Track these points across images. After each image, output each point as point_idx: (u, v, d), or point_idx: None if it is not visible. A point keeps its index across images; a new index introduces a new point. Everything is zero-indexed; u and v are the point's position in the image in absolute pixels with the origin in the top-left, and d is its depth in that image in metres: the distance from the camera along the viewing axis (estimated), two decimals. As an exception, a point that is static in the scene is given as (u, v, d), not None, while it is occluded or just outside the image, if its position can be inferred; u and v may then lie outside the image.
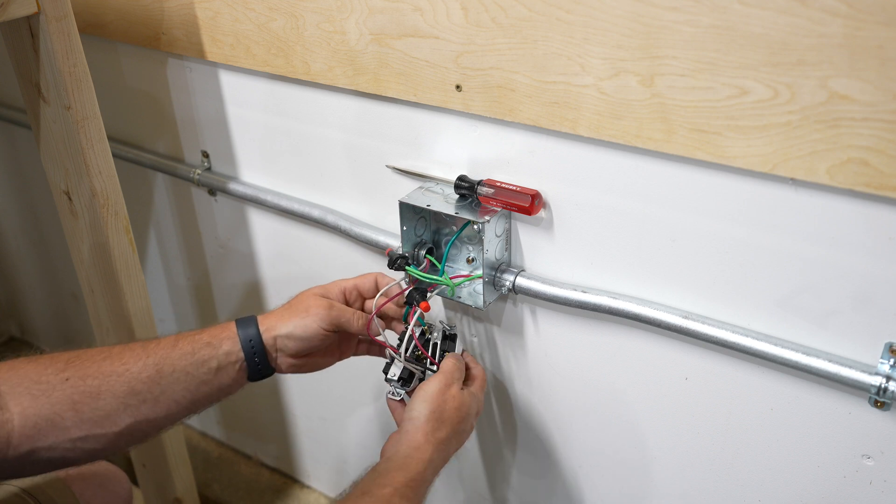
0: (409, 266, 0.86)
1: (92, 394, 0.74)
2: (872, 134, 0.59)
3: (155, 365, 0.77)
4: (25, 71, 0.91)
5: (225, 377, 0.80)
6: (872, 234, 0.64)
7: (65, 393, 0.73)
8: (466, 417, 0.80)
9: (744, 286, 0.73)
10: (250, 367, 0.81)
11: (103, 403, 0.74)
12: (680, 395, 0.83)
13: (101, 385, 0.74)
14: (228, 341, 0.80)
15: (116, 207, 0.99)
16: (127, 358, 0.77)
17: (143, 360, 0.77)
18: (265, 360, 0.82)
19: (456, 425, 0.78)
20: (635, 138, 0.71)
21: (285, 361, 0.83)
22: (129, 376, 0.75)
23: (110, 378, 0.75)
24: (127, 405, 0.75)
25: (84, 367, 0.75)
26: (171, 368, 0.77)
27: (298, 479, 1.44)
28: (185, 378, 0.78)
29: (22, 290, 1.78)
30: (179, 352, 0.78)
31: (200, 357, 0.79)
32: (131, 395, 0.75)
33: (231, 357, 0.80)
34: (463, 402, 0.79)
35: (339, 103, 0.94)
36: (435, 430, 0.76)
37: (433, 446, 0.75)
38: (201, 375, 0.78)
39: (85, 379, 0.74)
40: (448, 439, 0.77)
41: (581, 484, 0.98)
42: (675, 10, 0.63)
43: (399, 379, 0.84)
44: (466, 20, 0.76)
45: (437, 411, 0.77)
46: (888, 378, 0.67)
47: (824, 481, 0.77)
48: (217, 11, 0.97)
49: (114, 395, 0.74)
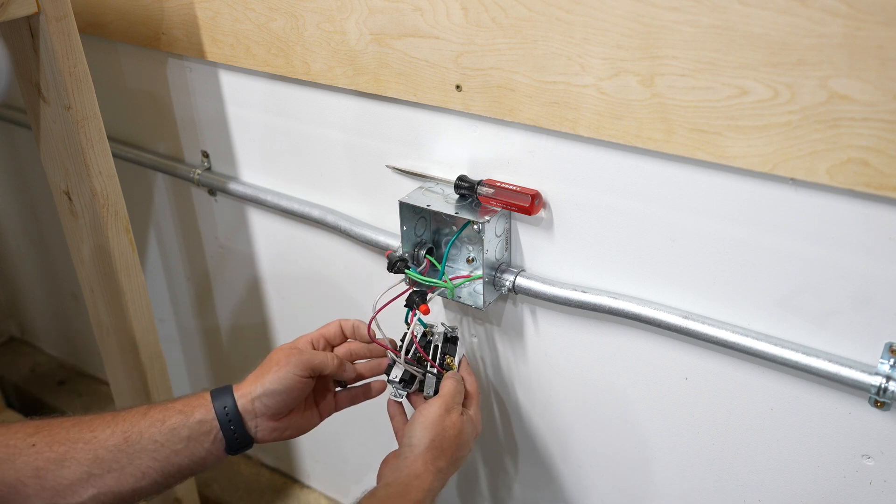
0: (409, 269, 0.86)
1: (56, 461, 0.71)
2: (872, 134, 0.59)
3: (123, 432, 0.74)
4: (25, 71, 0.91)
5: (198, 448, 0.76)
6: (872, 234, 0.64)
7: (29, 459, 0.71)
8: (465, 444, 0.80)
9: (744, 286, 0.73)
10: (227, 437, 0.77)
11: (67, 472, 0.72)
12: (680, 395, 0.83)
13: (66, 452, 0.72)
14: (201, 409, 0.77)
15: (116, 207, 0.99)
16: (96, 425, 0.74)
17: (111, 427, 0.74)
18: (242, 429, 0.78)
19: (455, 452, 0.78)
20: (635, 138, 0.71)
21: (265, 426, 0.80)
22: (95, 444, 0.73)
23: (77, 445, 0.73)
24: (91, 475, 0.72)
25: (53, 433, 0.73)
26: (138, 436, 0.74)
27: (298, 479, 1.44)
28: (153, 447, 0.74)
29: (22, 290, 1.78)
30: (149, 420, 0.75)
31: (170, 425, 0.76)
32: (96, 464, 0.72)
33: (204, 426, 0.77)
34: (462, 430, 0.79)
35: (339, 103, 0.94)
36: (435, 458, 0.76)
37: (433, 475, 0.75)
38: (172, 445, 0.75)
39: (52, 445, 0.72)
40: (447, 467, 0.77)
41: (581, 484, 0.98)
42: (675, 10, 0.63)
43: (401, 381, 0.85)
44: (466, 20, 0.76)
45: (436, 440, 0.77)
46: (888, 378, 0.67)
47: (824, 481, 0.77)
48: (217, 11, 0.97)
49: (78, 462, 0.72)
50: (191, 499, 1.27)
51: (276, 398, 0.79)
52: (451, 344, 0.87)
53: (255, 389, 0.79)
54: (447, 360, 0.86)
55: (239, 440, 0.78)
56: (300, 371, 0.79)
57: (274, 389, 0.79)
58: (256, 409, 0.79)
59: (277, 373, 0.79)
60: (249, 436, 0.79)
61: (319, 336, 0.85)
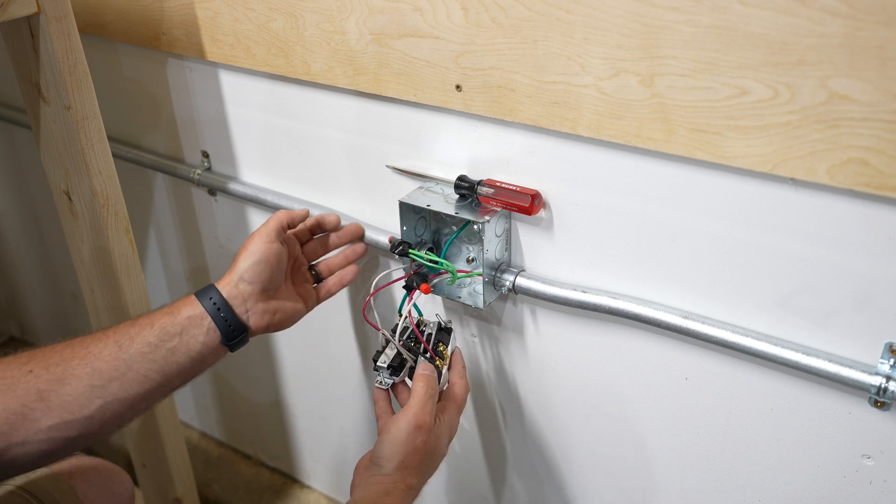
0: (413, 250, 0.86)
1: (56, 380, 0.73)
2: (872, 134, 0.59)
3: (115, 343, 0.76)
4: (25, 71, 0.91)
5: (193, 342, 0.78)
6: (872, 234, 0.64)
7: (29, 384, 0.72)
8: (438, 455, 0.80)
9: (744, 286, 0.73)
10: (220, 326, 0.79)
11: (69, 388, 0.73)
12: (680, 395, 0.83)
13: (64, 370, 0.73)
14: (188, 306, 0.79)
15: (116, 207, 0.99)
16: (88, 342, 0.76)
17: (103, 341, 0.76)
18: (233, 315, 0.80)
19: (426, 466, 0.78)
20: (635, 138, 0.71)
21: (255, 308, 0.82)
22: (90, 358, 0.74)
23: (72, 362, 0.74)
24: (93, 386, 0.74)
25: (46, 357, 0.74)
26: (129, 343, 0.76)
27: (298, 479, 1.44)
28: (149, 350, 0.76)
29: (22, 290, 1.78)
30: (138, 326, 0.77)
31: (160, 325, 0.77)
32: (95, 376, 0.74)
33: (194, 320, 0.78)
34: (435, 445, 0.79)
35: (339, 103, 0.94)
36: (405, 477, 0.76)
37: (403, 492, 0.75)
38: (165, 343, 0.77)
39: (48, 368, 0.73)
40: (419, 482, 0.78)
41: (581, 484, 0.98)
42: (675, 10, 0.63)
43: (389, 367, 0.84)
44: (466, 20, 0.76)
45: (406, 459, 0.77)
46: (888, 378, 0.67)
47: (824, 481, 0.77)
48: (217, 11, 0.97)
49: (78, 378, 0.73)
50: (191, 499, 1.27)
51: (254, 270, 0.82)
52: (445, 333, 0.87)
53: (233, 276, 0.82)
54: (440, 348, 0.86)
55: (233, 328, 0.80)
56: (265, 238, 0.83)
57: (249, 263, 0.82)
58: (242, 291, 0.81)
59: (245, 251, 0.83)
60: (242, 323, 0.81)
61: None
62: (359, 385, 1.20)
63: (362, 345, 1.14)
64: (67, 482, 0.92)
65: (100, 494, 0.95)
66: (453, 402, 0.84)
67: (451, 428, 0.82)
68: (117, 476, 0.99)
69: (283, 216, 0.87)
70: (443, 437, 0.80)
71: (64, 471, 0.92)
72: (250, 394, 1.40)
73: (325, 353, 1.20)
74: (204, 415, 1.53)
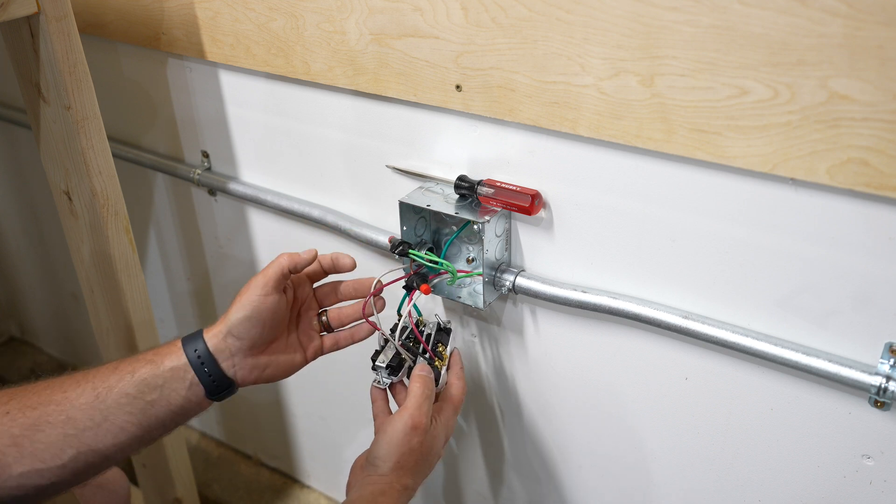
0: (412, 250, 0.86)
1: (31, 426, 0.71)
2: (872, 134, 0.59)
3: (93, 390, 0.73)
4: (25, 71, 0.91)
5: (174, 396, 0.75)
6: (872, 234, 0.64)
7: (4, 427, 0.70)
8: (434, 455, 0.79)
9: (744, 286, 0.73)
10: (203, 381, 0.75)
11: (43, 436, 0.71)
12: (680, 395, 0.83)
13: (40, 416, 0.71)
14: (171, 356, 0.75)
15: (116, 207, 0.99)
16: (67, 386, 0.73)
17: (81, 386, 0.73)
18: (218, 371, 0.76)
19: (422, 467, 0.78)
20: (635, 138, 0.71)
21: (243, 364, 0.78)
22: (66, 405, 0.72)
23: (49, 407, 0.72)
24: (66, 435, 0.71)
25: (25, 399, 0.72)
26: (107, 392, 0.73)
27: (298, 479, 1.44)
28: (125, 401, 0.73)
29: (22, 290, 1.78)
30: (118, 374, 0.74)
31: (140, 376, 0.74)
32: (70, 424, 0.71)
33: (177, 373, 0.75)
34: (431, 445, 0.79)
35: (339, 103, 0.94)
36: (400, 477, 0.76)
37: (398, 493, 0.75)
38: (144, 396, 0.73)
39: (24, 411, 0.71)
40: (414, 483, 0.77)
41: (581, 484, 0.98)
42: (675, 10, 0.63)
43: (387, 367, 0.84)
44: (466, 20, 0.76)
45: (402, 460, 0.76)
46: (888, 378, 0.67)
47: (824, 481, 0.77)
48: (217, 11, 0.97)
49: (52, 425, 0.71)
50: (191, 499, 1.27)
51: (243, 326, 0.76)
52: (444, 334, 0.87)
53: (223, 327, 0.76)
54: (439, 349, 0.86)
55: (217, 383, 0.76)
56: (261, 290, 0.77)
57: (239, 318, 0.76)
58: (230, 345, 0.76)
59: (240, 300, 0.77)
60: (227, 378, 0.77)
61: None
62: (359, 385, 1.20)
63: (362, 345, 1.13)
64: None
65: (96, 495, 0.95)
66: (450, 403, 0.84)
67: (447, 429, 0.82)
68: (114, 476, 0.99)
69: (286, 262, 0.79)
70: (439, 437, 0.80)
71: None
72: (250, 394, 1.40)
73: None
74: (204, 415, 1.52)
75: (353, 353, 1.15)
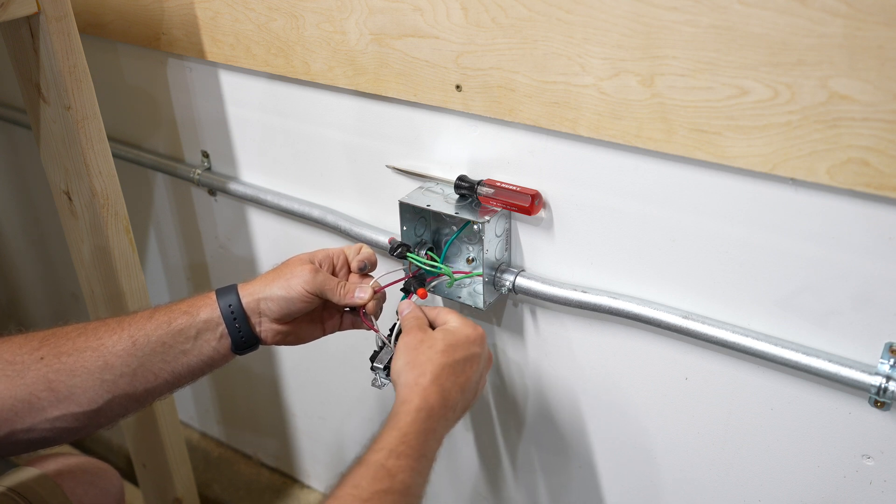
0: (410, 253, 0.86)
1: (67, 371, 0.72)
2: (872, 134, 0.59)
3: (130, 337, 0.74)
4: (25, 71, 0.91)
5: (205, 347, 0.77)
6: (872, 234, 0.64)
7: (40, 372, 0.71)
8: (452, 348, 0.73)
9: (744, 286, 0.73)
10: (232, 335, 0.78)
11: (79, 381, 0.72)
12: (680, 395, 0.83)
13: (76, 362, 0.73)
14: (207, 308, 0.77)
15: (116, 207, 0.99)
16: (102, 333, 0.75)
17: (117, 333, 0.75)
18: (247, 327, 0.78)
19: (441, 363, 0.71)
20: (635, 138, 0.71)
21: (269, 328, 0.79)
22: (103, 351, 0.74)
23: (85, 354, 0.73)
24: (103, 381, 0.73)
25: (59, 345, 0.73)
26: (145, 340, 0.75)
27: (298, 479, 1.44)
28: (161, 349, 0.75)
29: (22, 290, 1.78)
30: (155, 322, 0.76)
31: (177, 326, 0.76)
32: (107, 371, 0.73)
33: (210, 324, 0.77)
34: (437, 339, 0.73)
35: (339, 103, 0.94)
36: (417, 377, 0.70)
37: (419, 395, 0.70)
38: (179, 345, 0.76)
39: (59, 357, 0.73)
40: (436, 381, 0.70)
41: (581, 484, 0.98)
42: (675, 10, 0.63)
43: (385, 368, 0.84)
44: (466, 20, 0.76)
45: (411, 360, 0.72)
46: (888, 378, 0.67)
47: (824, 481, 0.77)
48: (217, 11, 0.97)
49: (89, 371, 0.73)
50: (191, 499, 1.27)
51: (279, 304, 0.78)
52: None
53: (262, 290, 0.78)
54: None
55: (245, 339, 0.78)
56: (309, 288, 0.78)
57: (280, 296, 0.78)
58: (262, 309, 0.78)
59: (288, 280, 0.78)
60: (255, 336, 0.79)
61: (340, 252, 0.84)
62: (359, 385, 1.20)
63: (362, 346, 1.14)
64: (55, 481, 0.91)
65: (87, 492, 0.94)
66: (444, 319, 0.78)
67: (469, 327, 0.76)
68: (105, 473, 0.99)
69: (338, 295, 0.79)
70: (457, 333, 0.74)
71: (51, 472, 0.92)
72: (250, 394, 1.40)
73: (324, 353, 1.20)
74: (204, 415, 1.53)
75: (353, 353, 1.15)
